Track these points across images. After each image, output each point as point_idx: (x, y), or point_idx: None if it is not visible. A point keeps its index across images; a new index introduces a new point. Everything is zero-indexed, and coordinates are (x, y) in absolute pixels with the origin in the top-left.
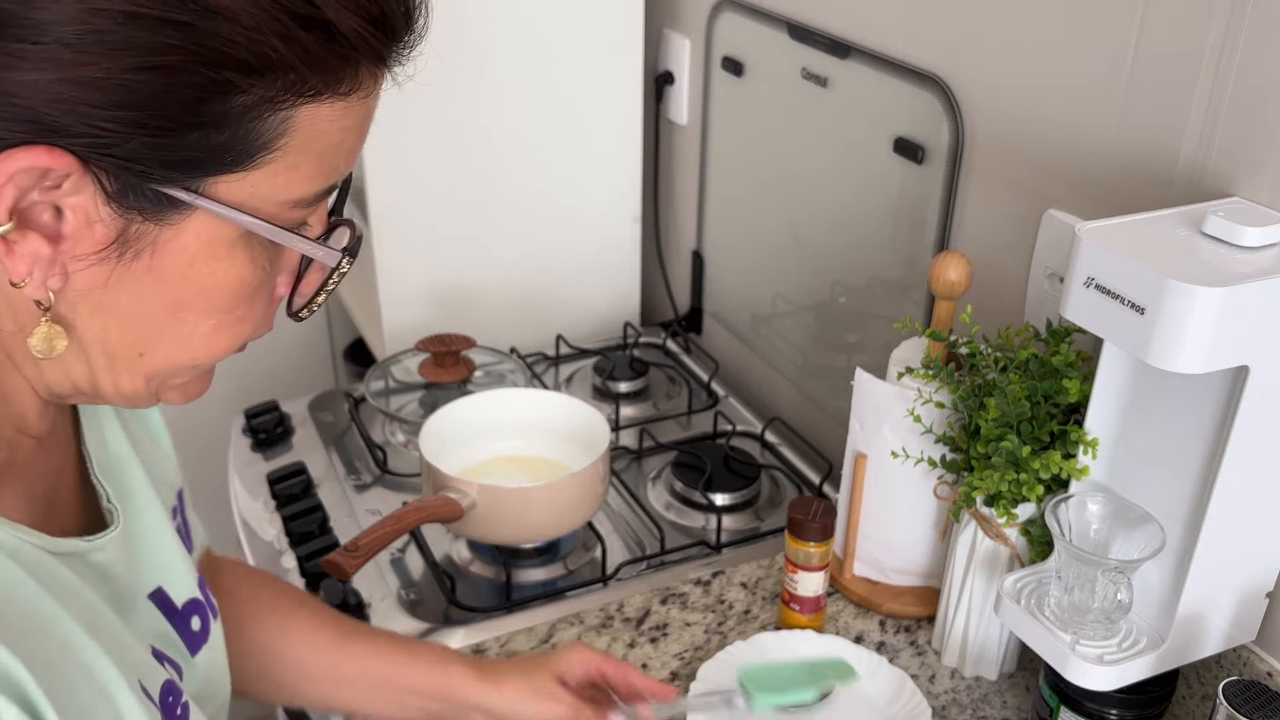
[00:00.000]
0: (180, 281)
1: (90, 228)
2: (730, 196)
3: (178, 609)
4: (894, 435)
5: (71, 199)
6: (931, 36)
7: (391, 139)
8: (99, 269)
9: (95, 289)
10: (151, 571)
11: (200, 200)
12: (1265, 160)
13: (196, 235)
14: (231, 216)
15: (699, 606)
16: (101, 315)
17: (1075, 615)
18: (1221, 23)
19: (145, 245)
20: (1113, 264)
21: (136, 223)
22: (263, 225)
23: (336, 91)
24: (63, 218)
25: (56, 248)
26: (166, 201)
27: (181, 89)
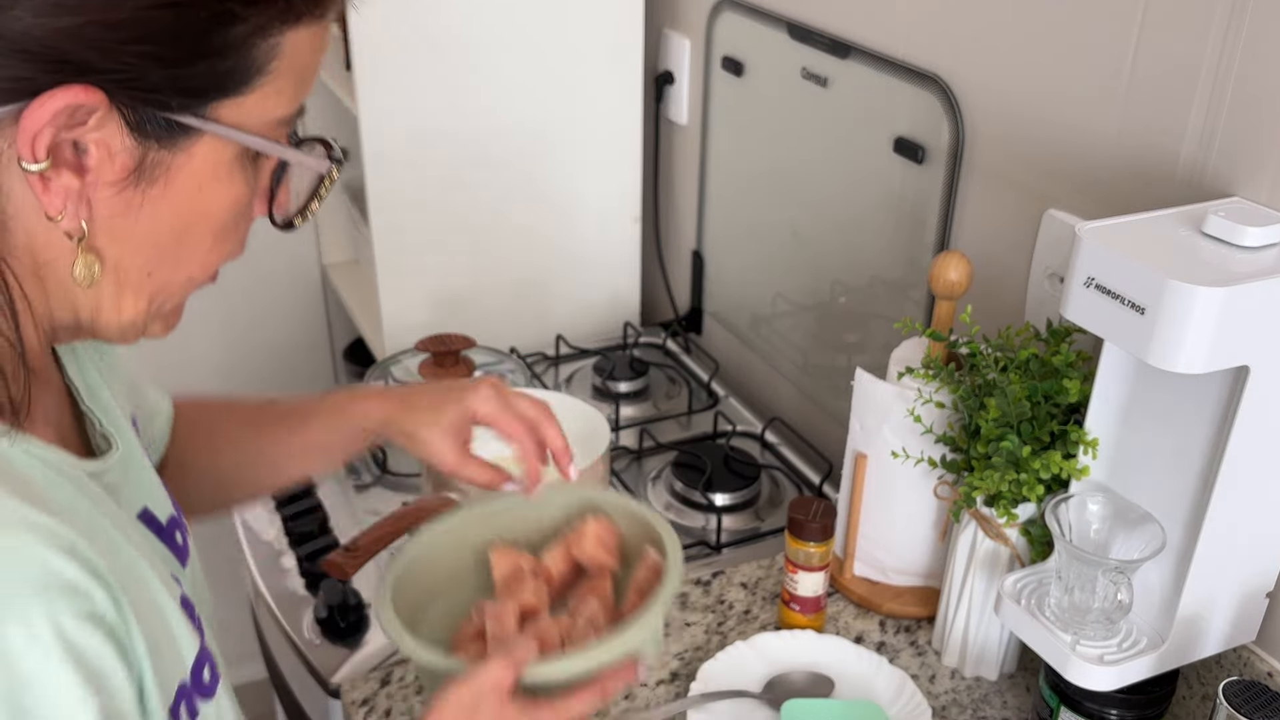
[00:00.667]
0: (190, 203)
1: (113, 160)
2: (730, 196)
3: (163, 526)
4: (894, 435)
5: (95, 134)
6: (932, 36)
7: (392, 139)
8: (119, 198)
9: (115, 218)
10: (137, 492)
11: (208, 125)
12: (1265, 160)
13: (204, 159)
14: (236, 137)
15: (699, 606)
16: (119, 242)
17: (1075, 615)
18: (1221, 23)
19: (160, 173)
20: (1113, 264)
21: (153, 151)
22: (263, 142)
23: (314, 15)
24: (87, 152)
25: (84, 180)
26: (178, 129)
27: (192, 21)
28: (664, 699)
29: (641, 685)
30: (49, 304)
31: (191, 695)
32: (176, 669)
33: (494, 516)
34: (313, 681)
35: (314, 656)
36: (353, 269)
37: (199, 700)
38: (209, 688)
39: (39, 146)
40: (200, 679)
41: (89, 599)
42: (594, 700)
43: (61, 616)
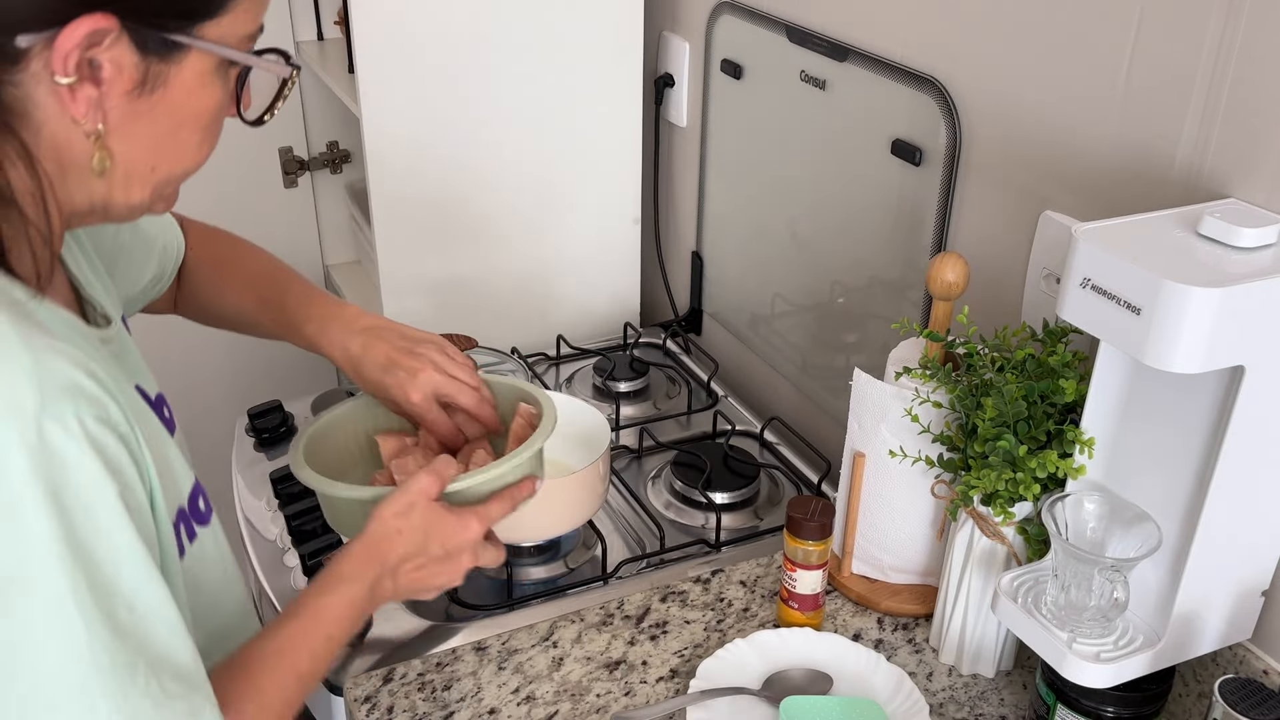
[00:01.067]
0: (182, 106)
1: (122, 73)
2: (730, 198)
3: (152, 400)
4: (892, 435)
5: (110, 52)
6: (929, 39)
7: (393, 141)
8: (128, 104)
9: (124, 119)
10: (133, 369)
11: (197, 42)
12: (1261, 162)
13: (191, 70)
14: (217, 51)
15: (699, 604)
16: (126, 141)
17: (1072, 613)
18: (1218, 26)
19: (159, 83)
20: (1109, 265)
21: (154, 65)
22: (236, 54)
23: None
24: (102, 68)
25: (100, 90)
26: (174, 46)
27: None
28: (663, 696)
29: (641, 683)
30: (69, 193)
31: (190, 519)
32: (175, 494)
33: (375, 406)
34: None
35: None
36: (355, 269)
37: (196, 525)
38: (204, 515)
39: (69, 64)
40: (196, 507)
41: (105, 408)
42: (505, 506)
43: (85, 417)
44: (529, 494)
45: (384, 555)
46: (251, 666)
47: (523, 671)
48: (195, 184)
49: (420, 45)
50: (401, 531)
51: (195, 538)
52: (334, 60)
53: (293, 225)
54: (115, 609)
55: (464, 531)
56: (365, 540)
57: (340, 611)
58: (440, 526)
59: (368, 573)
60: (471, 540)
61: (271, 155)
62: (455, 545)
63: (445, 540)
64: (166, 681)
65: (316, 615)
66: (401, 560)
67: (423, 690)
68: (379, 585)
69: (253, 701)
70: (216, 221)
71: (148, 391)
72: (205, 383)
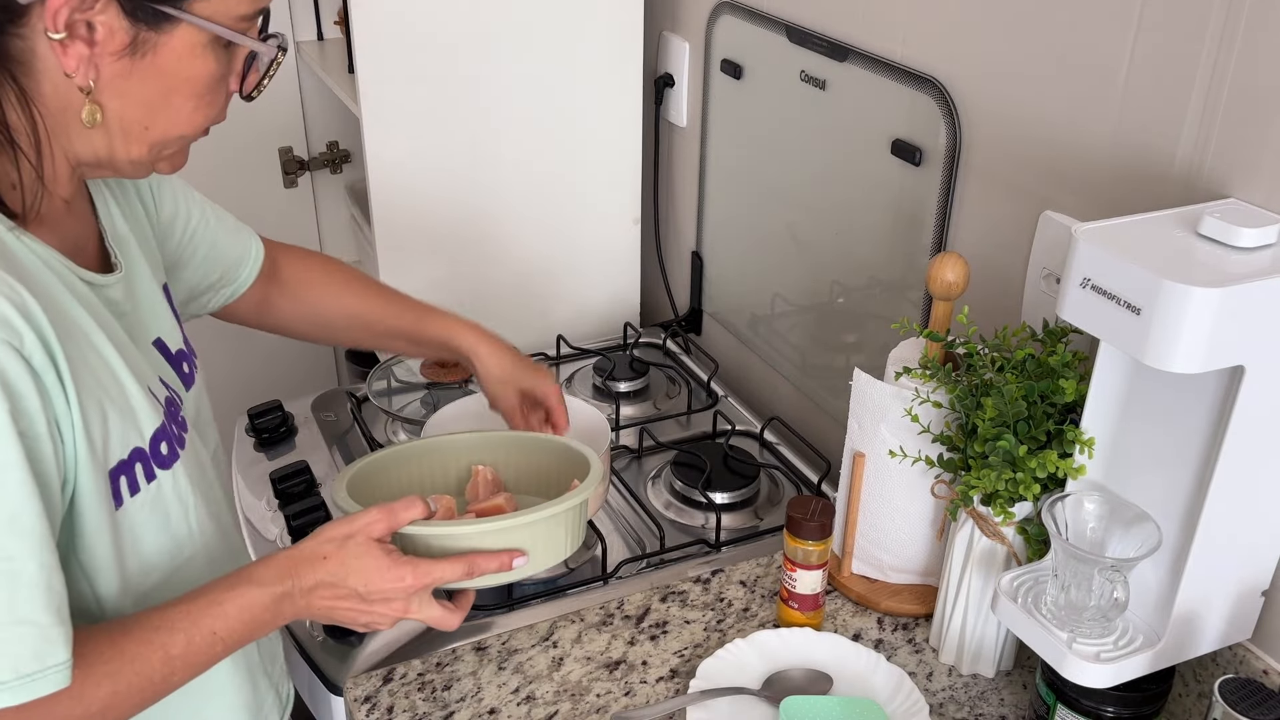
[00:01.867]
0: (172, 73)
1: (113, 36)
2: (730, 198)
3: (172, 354)
4: (892, 435)
5: (101, 15)
6: (929, 39)
7: (393, 141)
8: (119, 64)
9: (117, 79)
10: (152, 323)
11: (184, 15)
12: (1261, 162)
13: (182, 40)
14: (205, 26)
15: (699, 604)
16: (119, 99)
17: (1072, 613)
18: (1217, 25)
19: (149, 48)
20: (1109, 265)
21: (143, 31)
22: (225, 30)
23: None
24: (95, 29)
25: (92, 50)
26: (163, 17)
27: None
28: (664, 696)
29: (641, 683)
30: (71, 141)
31: (148, 459)
32: (131, 435)
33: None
34: (315, 679)
35: (317, 654)
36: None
37: (156, 467)
38: (165, 460)
39: (59, 20)
40: (158, 450)
41: (20, 338)
42: (457, 571)
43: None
44: (499, 568)
45: (301, 573)
46: (126, 632)
47: (523, 671)
48: (196, 184)
49: (420, 45)
50: (328, 557)
51: (154, 479)
52: (334, 60)
53: (293, 225)
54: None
55: (393, 580)
56: (291, 553)
57: (235, 611)
58: (367, 566)
59: (278, 584)
60: (401, 589)
61: (271, 155)
62: (379, 590)
63: (369, 581)
64: (23, 605)
65: (210, 606)
66: (318, 584)
67: (423, 690)
68: (286, 599)
69: (109, 664)
70: None
71: (169, 345)
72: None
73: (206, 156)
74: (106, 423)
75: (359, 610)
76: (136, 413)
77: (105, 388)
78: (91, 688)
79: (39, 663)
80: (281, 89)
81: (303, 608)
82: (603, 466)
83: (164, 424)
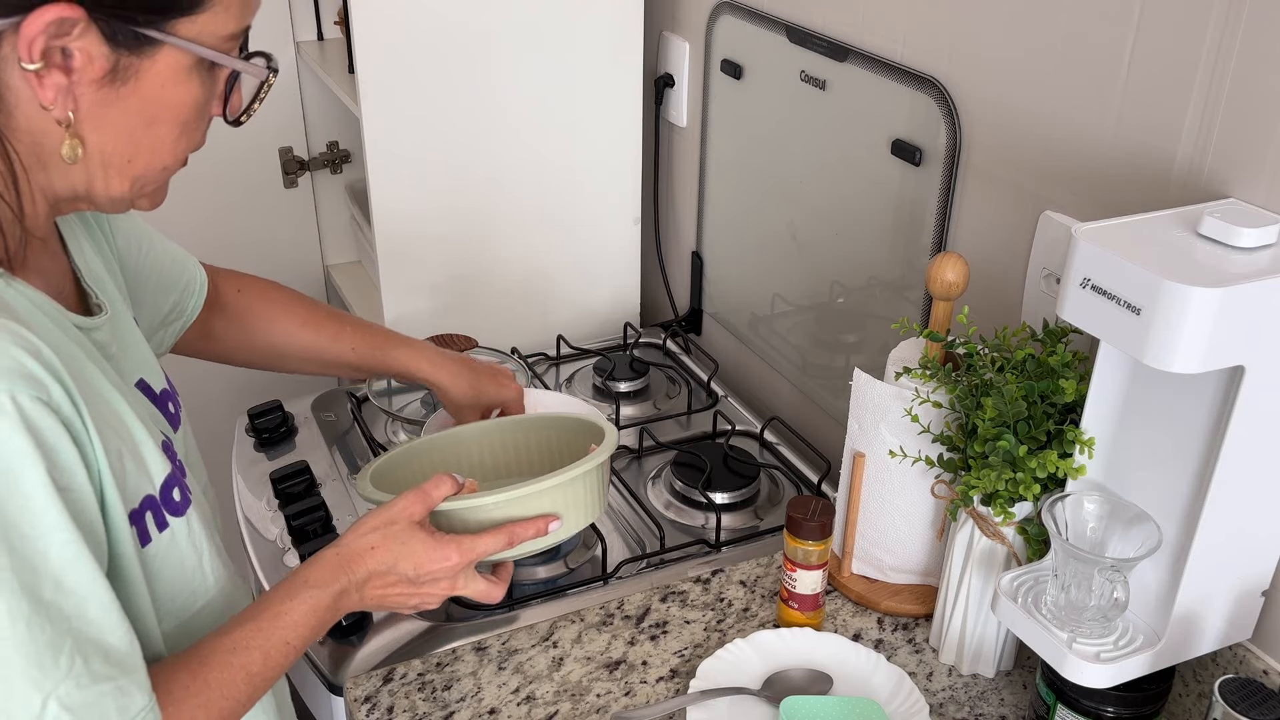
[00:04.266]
0: (156, 100)
1: (92, 63)
2: (729, 198)
3: (157, 395)
4: (892, 435)
5: (78, 42)
6: (929, 39)
7: (393, 141)
8: (99, 94)
9: (96, 109)
10: (135, 364)
11: (168, 37)
12: (1261, 162)
13: (166, 65)
14: (189, 48)
15: (699, 604)
16: (100, 130)
17: (1072, 613)
18: (1218, 25)
19: (131, 75)
20: (1109, 265)
21: (125, 57)
22: (210, 52)
23: None
24: (72, 56)
25: (70, 79)
26: (145, 40)
27: None
28: (664, 696)
29: (641, 683)
30: (49, 178)
31: (159, 508)
32: (143, 482)
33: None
34: (315, 679)
35: (317, 654)
36: (355, 270)
37: (168, 515)
38: (179, 507)
39: (34, 50)
40: (170, 497)
41: (46, 390)
42: (499, 542)
43: (20, 395)
44: (536, 534)
45: (353, 568)
46: (203, 661)
47: (523, 671)
48: (196, 184)
49: (420, 45)
50: (375, 548)
51: (166, 527)
52: (334, 60)
53: (293, 225)
54: (40, 585)
55: (440, 560)
56: (338, 550)
57: (301, 618)
58: (414, 549)
59: (334, 583)
60: (448, 569)
61: (271, 155)
62: (428, 571)
63: (418, 564)
64: (95, 663)
65: (276, 618)
66: (370, 575)
67: (423, 690)
68: (344, 596)
69: (198, 695)
70: (218, 222)
71: (152, 386)
72: (205, 382)
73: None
74: (125, 469)
75: (412, 593)
76: (147, 460)
77: (119, 435)
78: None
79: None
80: (281, 89)
81: (357, 601)
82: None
83: (173, 471)
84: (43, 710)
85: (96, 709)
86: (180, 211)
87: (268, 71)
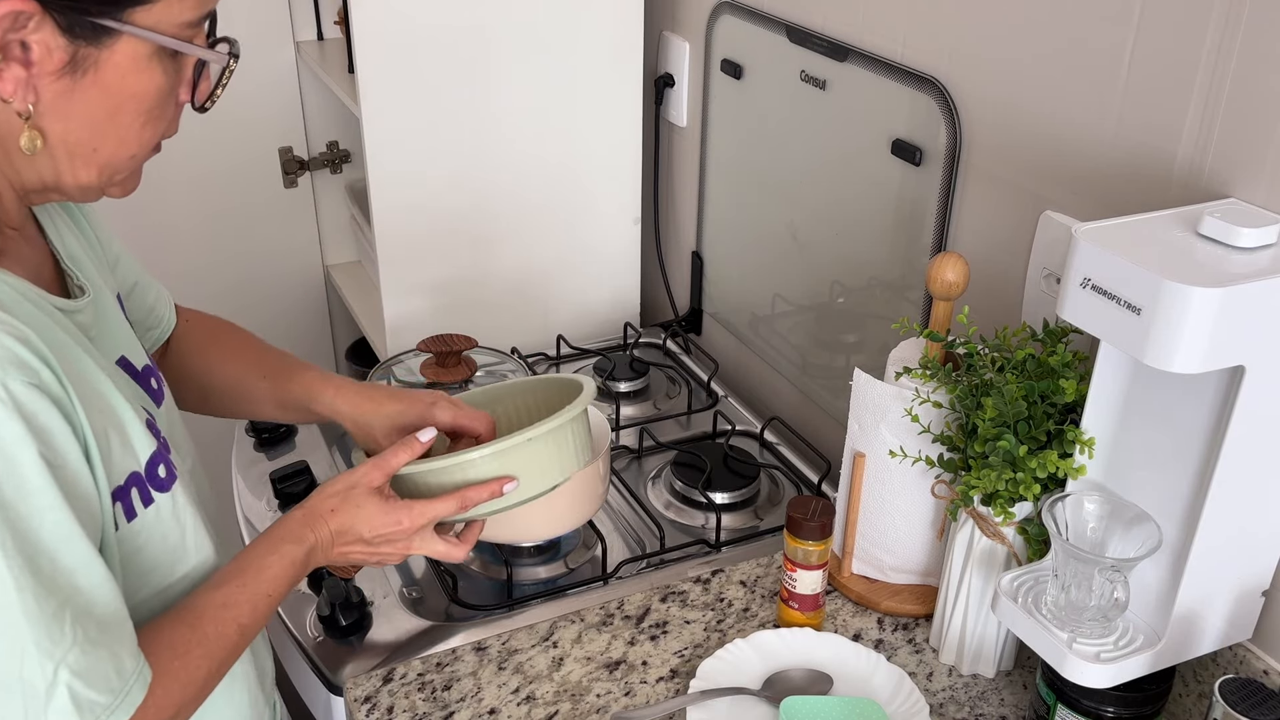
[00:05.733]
0: (117, 90)
1: (50, 55)
2: (730, 198)
3: (139, 371)
4: (892, 435)
5: (35, 35)
6: (929, 39)
7: (393, 141)
8: (59, 85)
9: (59, 100)
10: (115, 342)
11: (125, 26)
12: (1261, 162)
13: (125, 54)
14: (148, 36)
15: (699, 604)
16: (63, 121)
17: (1072, 613)
18: (1218, 26)
19: (90, 65)
20: (1109, 265)
21: (82, 48)
22: (170, 40)
23: None
24: (30, 49)
25: (29, 71)
26: (102, 30)
27: None
28: (664, 696)
29: (641, 683)
30: (15, 169)
31: (144, 484)
32: (128, 459)
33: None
34: (315, 679)
35: (317, 654)
36: (355, 270)
37: (154, 491)
38: (164, 483)
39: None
40: (155, 474)
41: (36, 374)
42: (450, 506)
43: (11, 381)
44: (490, 495)
45: (317, 526)
46: (199, 616)
47: (523, 671)
48: (196, 185)
49: (420, 45)
50: (335, 510)
51: (151, 503)
52: (334, 60)
53: (293, 225)
54: (38, 560)
55: (392, 525)
56: (304, 509)
57: (281, 571)
58: (370, 513)
59: (305, 538)
60: (401, 532)
61: (271, 155)
62: (384, 534)
63: (373, 527)
64: (91, 630)
65: (259, 573)
66: (334, 535)
67: (423, 690)
68: (314, 552)
69: (200, 646)
70: (218, 223)
71: (134, 363)
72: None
73: (207, 157)
74: (110, 449)
75: (371, 553)
76: (132, 438)
77: (104, 414)
78: (192, 671)
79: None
80: (281, 89)
81: (323, 558)
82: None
83: (158, 448)
84: (55, 676)
85: (99, 672)
86: (180, 212)
87: (228, 58)
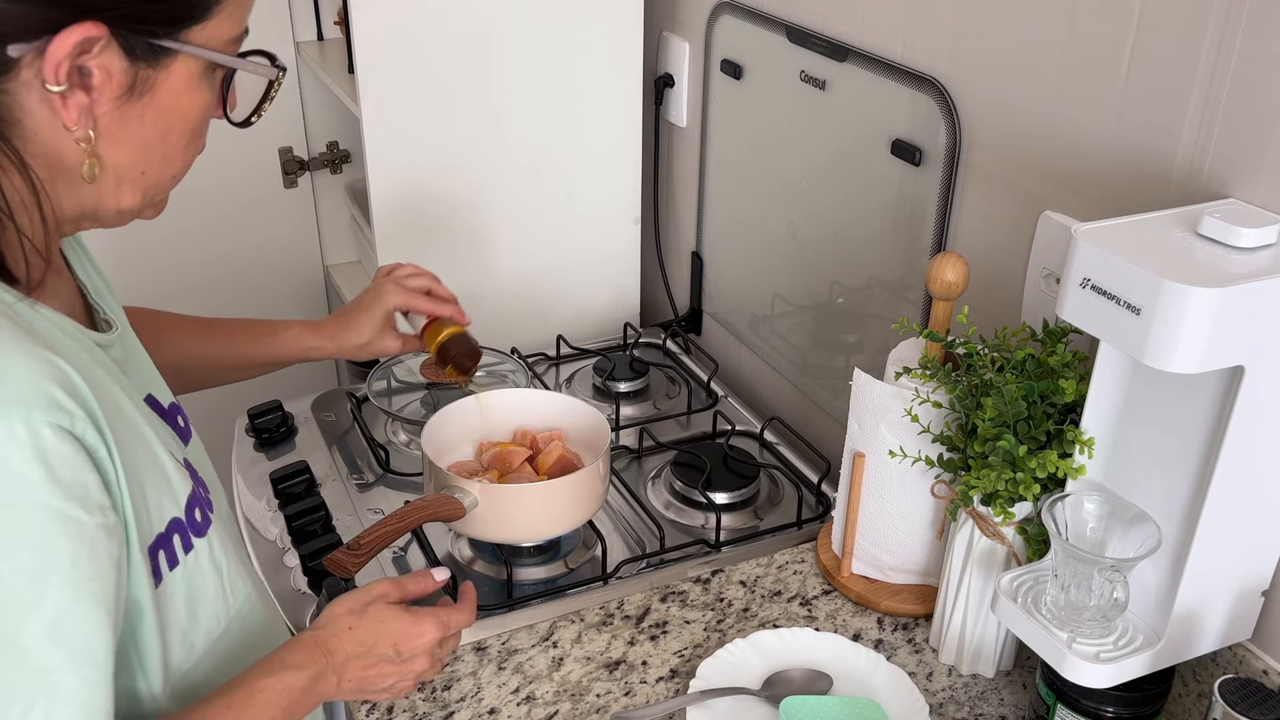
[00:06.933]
0: (170, 110)
1: (112, 80)
2: (729, 198)
3: (165, 409)
4: (892, 435)
5: (99, 60)
6: (929, 39)
7: (393, 141)
8: (117, 111)
9: (114, 126)
10: (142, 379)
11: (184, 46)
12: (1261, 162)
13: (179, 74)
14: (204, 54)
15: (698, 604)
16: (116, 146)
17: (1072, 613)
18: (1218, 25)
19: (148, 88)
20: (1109, 265)
21: (143, 70)
22: (221, 57)
23: None
24: (92, 75)
25: (91, 97)
26: (161, 51)
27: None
28: (664, 696)
29: (641, 683)
30: (59, 199)
31: (185, 530)
32: (169, 505)
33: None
34: None
35: None
36: (355, 270)
37: (193, 536)
38: (201, 527)
39: (61, 72)
40: (193, 518)
41: (70, 418)
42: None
43: (39, 425)
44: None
45: (331, 649)
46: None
47: (523, 671)
48: (196, 185)
49: (420, 45)
50: (352, 628)
51: (191, 549)
52: (334, 60)
53: (293, 225)
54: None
55: (418, 636)
56: (315, 633)
57: (274, 696)
58: (392, 626)
59: (312, 664)
60: (426, 644)
61: (271, 155)
62: (408, 648)
63: (397, 642)
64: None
65: (250, 695)
66: (349, 657)
67: (422, 690)
68: (322, 679)
69: None
70: (218, 223)
71: (160, 401)
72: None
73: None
74: (146, 496)
75: (390, 673)
76: (171, 481)
77: (140, 458)
78: None
79: None
80: (282, 89)
81: (335, 685)
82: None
83: (195, 489)
84: None
85: None
86: (180, 213)
87: (276, 70)
